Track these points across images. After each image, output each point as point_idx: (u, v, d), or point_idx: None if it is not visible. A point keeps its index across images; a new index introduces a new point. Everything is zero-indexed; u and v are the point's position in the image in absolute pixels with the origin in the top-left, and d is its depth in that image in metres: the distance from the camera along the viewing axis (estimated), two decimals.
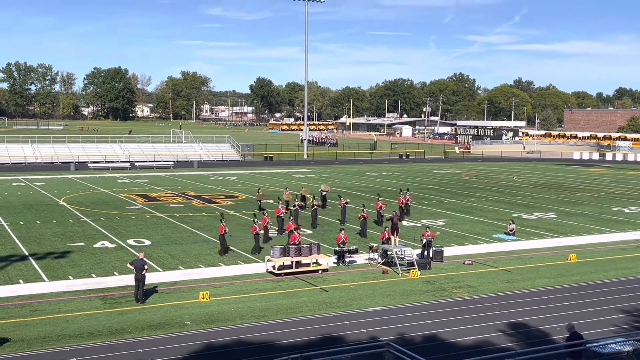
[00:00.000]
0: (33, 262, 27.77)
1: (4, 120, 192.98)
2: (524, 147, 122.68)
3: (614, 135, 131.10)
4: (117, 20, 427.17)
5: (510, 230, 35.34)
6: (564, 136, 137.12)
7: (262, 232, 30.56)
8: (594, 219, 41.78)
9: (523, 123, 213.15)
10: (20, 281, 24.70)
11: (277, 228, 34.82)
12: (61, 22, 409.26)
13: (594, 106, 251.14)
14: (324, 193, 45.30)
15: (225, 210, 42.24)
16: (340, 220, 38.39)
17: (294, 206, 38.07)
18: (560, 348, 16.15)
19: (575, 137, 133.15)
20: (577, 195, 54.47)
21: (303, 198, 42.93)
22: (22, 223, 37.24)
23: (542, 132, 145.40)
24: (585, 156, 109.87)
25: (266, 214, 33.26)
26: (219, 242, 29.92)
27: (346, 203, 39.14)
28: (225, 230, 29.41)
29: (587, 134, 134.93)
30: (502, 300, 23.27)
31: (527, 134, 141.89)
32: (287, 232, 30.91)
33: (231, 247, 30.40)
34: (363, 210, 34.53)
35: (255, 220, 30.12)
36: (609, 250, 32.58)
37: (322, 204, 43.64)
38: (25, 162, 79.62)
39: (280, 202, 36.42)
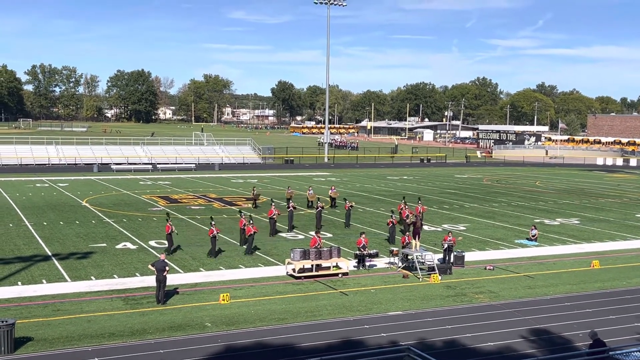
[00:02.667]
0: (56, 262, 28.05)
1: (29, 122, 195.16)
2: (547, 152, 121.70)
3: (638, 140, 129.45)
4: (141, 23, 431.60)
5: (533, 236, 35.05)
6: (587, 141, 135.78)
7: (218, 234, 30.22)
8: (618, 225, 41.31)
9: (546, 128, 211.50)
10: (44, 281, 24.96)
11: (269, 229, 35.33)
12: (85, 24, 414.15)
13: (618, 111, 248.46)
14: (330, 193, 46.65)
15: (246, 212, 42.34)
16: (345, 223, 38.31)
17: (288, 208, 38.07)
18: (583, 355, 15.97)
19: (599, 142, 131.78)
20: (601, 201, 53.91)
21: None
22: (45, 223, 37.64)
23: (565, 137, 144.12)
24: (609, 162, 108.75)
25: (243, 217, 33.14)
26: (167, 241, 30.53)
27: (351, 206, 39.04)
28: (172, 230, 29.93)
29: (610, 139, 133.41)
30: (523, 306, 23.07)
31: (549, 139, 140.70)
32: (246, 236, 30.62)
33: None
34: (392, 216, 34.34)
35: (213, 223, 30.18)
36: (632, 257, 32.17)
37: (330, 204, 45.42)
38: (49, 163, 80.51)
39: (273, 204, 36.53)
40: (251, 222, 30.72)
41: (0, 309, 21.26)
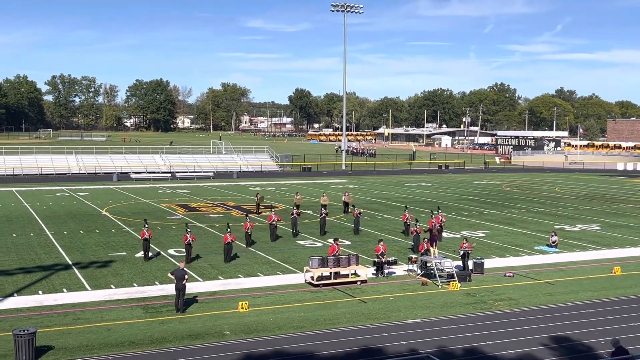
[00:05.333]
0: (76, 271, 28.26)
1: (49, 132, 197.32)
2: (566, 158, 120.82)
3: None
4: (159, 33, 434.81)
5: (553, 242, 34.76)
6: (608, 146, 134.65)
7: (193, 242, 30.45)
8: (639, 231, 40.84)
9: (565, 133, 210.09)
10: (64, 290, 25.15)
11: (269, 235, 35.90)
12: (104, 35, 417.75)
13: (639, 116, 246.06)
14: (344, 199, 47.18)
15: (263, 220, 42.42)
16: (354, 230, 38.32)
17: (292, 214, 38.24)
18: None
19: (619, 147, 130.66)
20: (621, 207, 53.37)
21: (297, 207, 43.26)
22: (65, 233, 37.96)
23: (585, 142, 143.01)
24: (630, 167, 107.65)
25: (248, 219, 34.20)
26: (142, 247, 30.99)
27: (360, 213, 39.15)
28: (147, 236, 30.32)
29: (631, 144, 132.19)
30: (544, 313, 22.87)
31: (569, 144, 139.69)
32: (224, 243, 30.50)
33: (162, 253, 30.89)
34: (416, 225, 34.14)
35: (188, 230, 30.41)
36: None
37: (344, 210, 46.15)
38: (69, 173, 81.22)
39: (272, 211, 36.92)
40: (229, 230, 30.77)
41: (22, 318, 21.46)
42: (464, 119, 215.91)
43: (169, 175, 78.81)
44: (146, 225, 31.33)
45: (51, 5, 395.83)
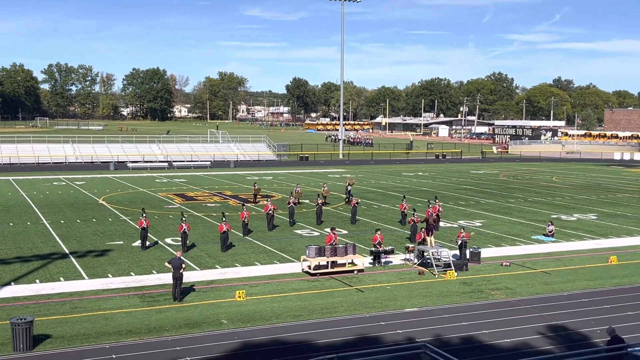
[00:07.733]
0: (73, 260, 28.27)
1: (46, 121, 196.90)
2: (563, 147, 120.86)
3: None
4: (156, 22, 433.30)
5: (549, 232, 34.84)
6: (605, 136, 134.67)
7: (188, 231, 30.66)
8: (636, 221, 40.95)
9: (562, 123, 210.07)
10: (61, 279, 25.16)
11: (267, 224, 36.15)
12: (101, 23, 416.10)
13: (636, 105, 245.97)
14: (349, 188, 47.24)
15: (259, 209, 42.43)
16: (351, 219, 38.38)
17: (288, 203, 38.37)
18: (601, 352, 15.88)
19: (616, 137, 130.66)
20: (618, 197, 53.47)
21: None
22: (62, 221, 37.93)
23: (582, 132, 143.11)
24: (627, 156, 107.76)
25: (245, 209, 34.74)
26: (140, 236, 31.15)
27: (357, 203, 39.36)
28: (144, 225, 30.50)
29: (628, 133, 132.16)
30: (540, 302, 22.94)
31: (566, 134, 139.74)
32: (220, 233, 30.56)
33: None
34: (414, 214, 34.11)
35: (183, 219, 30.60)
36: None
37: (346, 198, 46.55)
38: (65, 162, 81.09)
39: (269, 200, 37.45)
40: (224, 219, 30.85)
41: (19, 307, 21.48)
42: (461, 109, 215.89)
43: (166, 164, 78.72)
44: (144, 215, 31.32)
45: None
